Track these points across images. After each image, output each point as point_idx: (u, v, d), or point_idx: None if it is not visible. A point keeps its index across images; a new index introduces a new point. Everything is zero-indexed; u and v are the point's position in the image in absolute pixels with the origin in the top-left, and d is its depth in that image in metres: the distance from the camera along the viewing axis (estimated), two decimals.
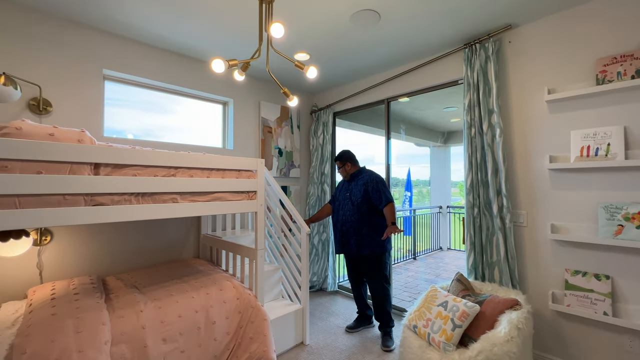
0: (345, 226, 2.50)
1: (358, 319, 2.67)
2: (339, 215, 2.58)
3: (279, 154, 3.39)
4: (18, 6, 1.93)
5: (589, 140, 1.85)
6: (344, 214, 2.53)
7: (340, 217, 2.55)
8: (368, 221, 2.44)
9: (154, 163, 1.55)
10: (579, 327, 1.88)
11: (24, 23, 1.95)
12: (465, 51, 2.32)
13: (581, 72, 1.90)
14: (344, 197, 2.58)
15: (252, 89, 3.20)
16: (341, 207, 2.57)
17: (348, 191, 2.57)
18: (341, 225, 2.54)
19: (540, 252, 2.05)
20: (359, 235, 2.43)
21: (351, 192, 2.53)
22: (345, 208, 2.52)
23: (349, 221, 2.48)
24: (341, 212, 2.56)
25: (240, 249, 2.20)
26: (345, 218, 2.51)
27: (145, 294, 1.80)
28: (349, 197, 2.53)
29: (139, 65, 2.44)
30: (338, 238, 2.58)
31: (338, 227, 2.58)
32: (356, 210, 2.45)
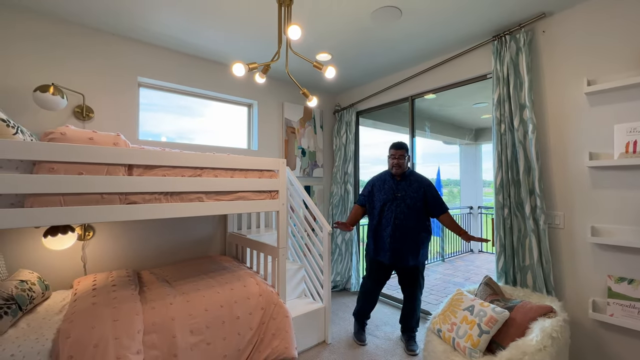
0: (400, 232, 2.19)
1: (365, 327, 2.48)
2: (387, 218, 2.23)
3: (302, 154, 3.43)
4: (62, 20, 2.12)
5: (635, 134, 1.69)
6: (396, 217, 2.20)
7: (391, 220, 2.20)
8: (423, 228, 2.24)
9: (181, 164, 1.64)
10: (624, 339, 1.72)
11: (67, 36, 2.14)
12: (494, 43, 2.20)
13: (625, 61, 1.74)
14: (392, 198, 2.23)
15: (275, 91, 3.26)
16: (390, 209, 2.22)
17: (399, 192, 2.24)
18: (393, 230, 2.19)
19: (579, 256, 1.90)
20: (414, 244, 2.20)
21: (405, 193, 2.22)
22: (398, 211, 2.20)
23: (404, 226, 2.19)
24: (390, 215, 2.21)
25: (263, 247, 2.26)
26: (399, 222, 2.19)
27: (175, 287, 1.90)
28: (402, 199, 2.21)
29: (169, 71, 2.58)
30: (388, 245, 2.21)
31: (388, 232, 2.20)
32: (413, 215, 2.19)
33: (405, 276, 2.32)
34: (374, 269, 2.36)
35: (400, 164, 2.25)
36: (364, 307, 2.43)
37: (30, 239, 1.98)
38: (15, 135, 1.29)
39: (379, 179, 2.38)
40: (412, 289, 2.31)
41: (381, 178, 2.37)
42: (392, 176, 2.31)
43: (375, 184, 2.38)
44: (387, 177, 2.34)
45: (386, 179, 2.33)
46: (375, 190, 2.36)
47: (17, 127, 1.33)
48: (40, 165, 1.26)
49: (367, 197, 2.41)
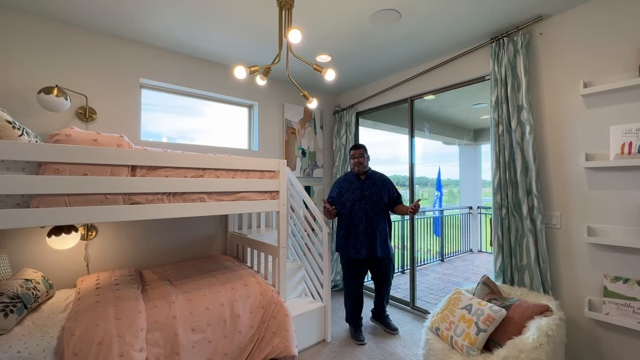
0: (371, 227, 2.38)
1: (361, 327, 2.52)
2: (359, 216, 2.40)
3: (302, 155, 3.45)
4: (65, 22, 2.15)
5: (630, 136, 1.71)
6: (367, 214, 2.39)
7: (363, 218, 2.39)
8: (388, 222, 2.52)
9: (184, 165, 1.66)
10: (619, 338, 1.75)
11: (70, 38, 2.17)
12: (492, 46, 2.23)
13: (621, 63, 1.76)
14: (361, 197, 2.42)
15: (276, 92, 3.29)
16: (360, 207, 2.41)
17: (365, 190, 2.44)
18: (366, 226, 2.38)
19: (575, 256, 1.93)
20: (384, 236, 2.43)
21: (371, 191, 2.44)
22: (368, 208, 2.40)
23: (375, 221, 2.38)
24: (362, 212, 2.40)
25: (264, 247, 2.28)
26: (370, 218, 2.39)
27: (177, 286, 1.93)
28: (369, 197, 2.41)
29: (170, 72, 2.61)
30: (362, 241, 2.37)
31: (361, 228, 2.38)
32: (380, 210, 2.43)
33: (379, 267, 2.50)
34: (353, 268, 2.47)
35: (361, 161, 2.46)
36: (354, 309, 2.50)
37: (34, 238, 2.00)
38: (20, 136, 1.32)
39: (344, 180, 2.55)
40: (386, 277, 2.53)
41: (347, 179, 2.53)
42: (357, 176, 2.51)
43: (342, 185, 2.53)
44: (352, 178, 2.51)
45: (352, 180, 2.50)
46: (343, 191, 2.51)
47: (22, 128, 1.35)
48: (46, 166, 1.29)
49: (335, 199, 2.54)
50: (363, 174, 2.50)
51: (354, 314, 2.50)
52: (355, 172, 2.51)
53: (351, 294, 2.50)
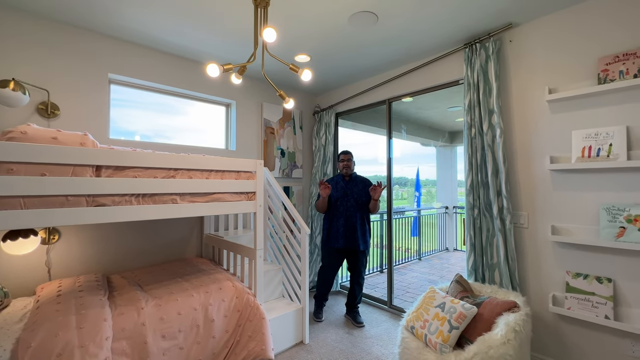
0: (350, 222, 2.71)
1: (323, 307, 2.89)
2: (340, 212, 2.74)
3: (281, 155, 3.42)
4: (27, 13, 2.01)
5: (590, 140, 1.82)
6: (347, 210, 2.73)
7: (344, 213, 2.73)
8: (367, 220, 2.81)
9: (154, 165, 1.59)
10: (580, 331, 1.85)
11: (32, 30, 2.03)
12: (466, 51, 2.30)
13: (582, 71, 1.87)
14: (344, 195, 2.77)
15: (254, 91, 3.24)
16: (342, 204, 2.75)
17: (348, 190, 2.78)
18: (345, 221, 2.71)
19: (541, 254, 2.02)
20: (362, 231, 2.74)
21: (352, 192, 2.77)
22: (348, 205, 2.73)
23: (353, 217, 2.71)
24: (343, 208, 2.74)
25: (240, 249, 2.23)
26: (349, 214, 2.72)
27: (147, 291, 1.85)
28: (351, 196, 2.76)
29: (143, 68, 2.50)
30: (342, 233, 2.70)
31: (341, 222, 2.72)
32: (359, 209, 2.74)
33: (355, 259, 2.78)
34: (330, 256, 2.80)
35: (349, 165, 2.82)
36: (323, 291, 2.85)
37: None
38: None
39: (331, 180, 2.91)
40: (360, 269, 2.80)
41: (334, 180, 2.90)
42: (343, 178, 2.85)
43: (330, 184, 2.84)
44: (338, 179, 2.87)
45: (338, 181, 2.86)
46: (332, 190, 2.81)
47: None
48: None
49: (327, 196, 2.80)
50: (348, 176, 2.83)
51: (320, 296, 2.86)
52: (342, 174, 2.86)
53: (324, 278, 2.82)
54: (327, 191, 2.65)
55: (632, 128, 1.71)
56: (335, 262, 2.79)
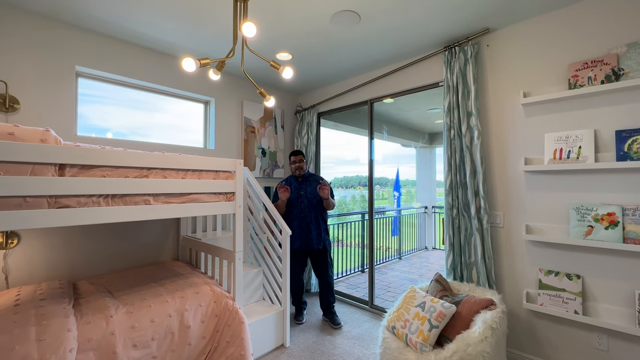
0: (305, 222, 2.71)
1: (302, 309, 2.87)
2: (295, 212, 2.75)
3: (262, 154, 3.35)
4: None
5: (561, 143, 1.90)
6: (300, 211, 2.73)
7: (298, 214, 2.73)
8: (322, 218, 2.80)
9: (125, 164, 1.50)
10: (552, 326, 1.93)
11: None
12: (445, 54, 2.34)
13: (554, 76, 1.95)
14: (297, 196, 2.78)
15: (234, 88, 3.15)
16: (296, 205, 2.75)
17: (302, 190, 2.78)
18: (299, 221, 2.71)
19: (515, 252, 2.09)
20: (317, 230, 2.73)
21: (306, 192, 2.77)
22: (302, 206, 2.74)
23: (307, 217, 2.72)
24: (297, 209, 2.75)
25: (218, 251, 2.16)
26: (303, 215, 2.72)
27: (118, 298, 1.74)
28: (304, 196, 2.76)
29: (114, 62, 2.37)
30: (297, 234, 2.70)
31: (296, 224, 2.71)
32: (312, 208, 2.74)
33: (316, 259, 2.78)
34: (292, 257, 2.73)
35: (301, 166, 2.80)
36: (295, 293, 2.84)
37: None
38: None
39: (287, 181, 2.88)
40: (324, 268, 2.78)
41: (288, 181, 2.88)
42: (296, 178, 2.84)
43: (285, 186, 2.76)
44: (292, 179, 2.87)
45: (292, 181, 2.86)
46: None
47: None
48: None
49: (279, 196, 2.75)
50: (301, 177, 2.83)
51: (294, 297, 2.85)
52: (295, 175, 2.85)
53: (291, 279, 2.76)
54: (286, 194, 2.61)
55: (599, 131, 1.79)
56: (296, 264, 2.75)
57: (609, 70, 1.73)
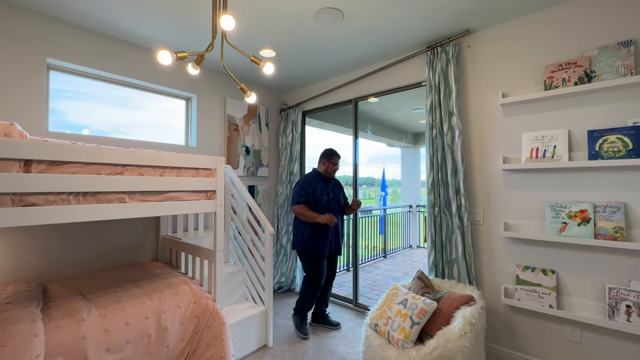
0: (337, 227, 2.57)
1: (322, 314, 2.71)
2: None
3: (246, 153, 3.30)
4: None
5: (537, 142, 1.95)
6: (332, 213, 2.51)
7: None
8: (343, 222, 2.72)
9: (97, 160, 1.44)
10: (528, 320, 1.98)
11: None
12: (428, 54, 2.37)
13: (532, 77, 2.00)
14: (328, 197, 2.55)
15: (217, 85, 3.09)
16: (327, 207, 2.52)
17: (330, 192, 2.58)
18: (334, 226, 2.55)
19: (494, 249, 2.14)
20: (342, 236, 2.66)
21: (334, 194, 2.61)
22: (332, 208, 2.55)
23: (338, 222, 2.59)
24: (328, 211, 2.51)
25: (199, 251, 2.11)
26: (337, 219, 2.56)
27: (90, 301, 1.67)
28: (333, 197, 2.59)
29: (90, 55, 2.27)
30: (330, 239, 2.51)
31: (330, 227, 2.50)
32: (339, 211, 2.63)
33: (333, 263, 2.69)
34: (320, 263, 2.52)
35: (337, 169, 2.63)
36: (312, 302, 2.57)
37: None
38: None
39: (313, 181, 2.56)
40: (334, 273, 2.72)
41: (315, 180, 2.57)
42: (324, 178, 2.60)
43: (312, 185, 2.56)
44: (318, 179, 2.58)
45: (318, 181, 2.57)
46: (316, 191, 2.54)
47: None
48: None
49: (310, 196, 2.52)
50: (330, 179, 2.64)
51: (308, 309, 2.58)
52: (326, 175, 2.60)
53: (316, 289, 2.53)
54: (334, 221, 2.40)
55: (572, 131, 1.85)
56: (324, 270, 2.55)
57: (582, 72, 1.80)
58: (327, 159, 2.59)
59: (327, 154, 2.61)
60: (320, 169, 2.62)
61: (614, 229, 1.68)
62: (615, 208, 1.70)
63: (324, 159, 2.61)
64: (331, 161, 2.58)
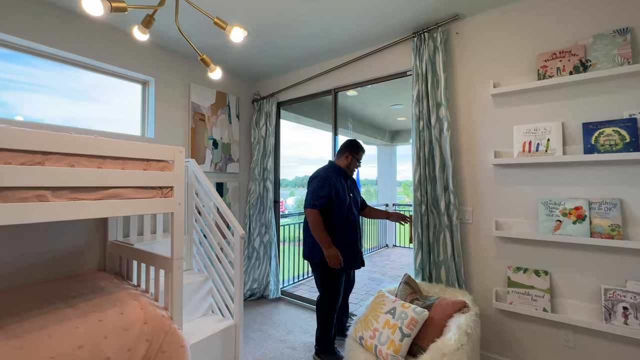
0: (359, 234, 2.15)
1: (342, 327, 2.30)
2: (352, 221, 2.07)
3: (213, 146, 2.97)
4: None
5: (530, 135, 1.84)
6: (354, 219, 2.11)
7: (352, 222, 2.07)
8: None
9: (4, 145, 1.08)
10: (521, 325, 1.87)
11: None
12: (414, 40, 2.20)
13: (524, 66, 1.89)
14: (349, 199, 2.08)
15: (180, 68, 2.73)
16: (350, 211, 2.07)
17: (351, 192, 2.13)
18: (355, 233, 2.09)
19: (484, 249, 2.01)
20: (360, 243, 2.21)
21: (354, 194, 2.17)
22: (355, 212, 2.13)
23: (359, 227, 2.18)
24: (352, 216, 2.08)
25: (154, 259, 1.77)
26: (357, 224, 2.14)
27: (4, 327, 1.30)
28: (353, 199, 2.13)
29: (20, 23, 1.84)
30: (356, 248, 2.07)
31: (352, 236, 2.05)
32: (358, 214, 2.21)
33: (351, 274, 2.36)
34: (339, 280, 2.04)
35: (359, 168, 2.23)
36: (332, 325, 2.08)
37: None
38: None
39: (334, 177, 2.04)
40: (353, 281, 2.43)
41: (336, 177, 2.06)
42: (344, 175, 2.13)
43: (335, 184, 2.02)
44: (339, 176, 2.08)
45: (338, 178, 2.06)
46: (336, 189, 2.02)
47: None
48: None
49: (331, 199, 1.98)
50: (349, 177, 2.18)
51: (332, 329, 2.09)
52: (347, 172, 2.14)
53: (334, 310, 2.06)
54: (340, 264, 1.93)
55: (566, 124, 1.75)
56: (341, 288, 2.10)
57: (577, 61, 1.70)
58: (352, 153, 2.12)
59: (353, 146, 2.14)
60: (340, 163, 2.11)
61: (610, 226, 1.59)
62: (611, 204, 1.61)
63: (347, 151, 2.12)
64: (356, 156, 2.12)
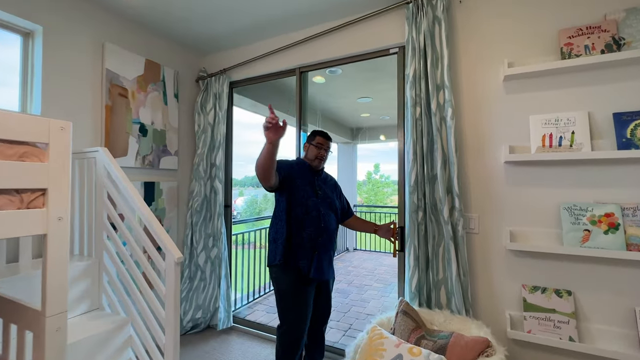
0: (323, 238, 1.65)
1: None
2: (311, 217, 1.62)
3: (140, 133, 2.20)
4: None
5: (550, 127, 1.52)
6: (327, 221, 1.68)
7: (316, 219, 1.63)
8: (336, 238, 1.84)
9: None
10: (540, 356, 1.53)
11: None
12: (410, 6, 1.77)
13: (541, 44, 1.57)
14: (313, 193, 1.68)
15: (89, 18, 1.93)
16: (313, 206, 1.64)
17: (319, 189, 1.72)
18: (317, 233, 1.62)
19: (493, 264, 1.65)
20: (333, 254, 1.78)
21: (324, 193, 1.74)
22: (323, 212, 1.67)
23: (328, 230, 1.69)
24: (315, 212, 1.64)
25: (15, 312, 1.04)
26: (324, 225, 1.66)
27: None
28: (322, 198, 1.71)
29: None
30: (310, 251, 1.60)
31: (319, 241, 1.62)
32: (334, 219, 1.76)
33: (325, 293, 1.79)
34: (298, 285, 1.59)
35: (325, 156, 1.77)
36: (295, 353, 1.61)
37: None
38: None
39: (297, 164, 1.74)
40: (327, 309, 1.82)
41: (299, 165, 1.74)
42: (309, 169, 1.75)
43: (294, 167, 1.70)
44: (304, 167, 1.75)
45: (304, 170, 1.73)
46: (296, 175, 1.68)
47: None
48: None
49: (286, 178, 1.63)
50: (319, 171, 1.79)
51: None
52: (310, 164, 1.75)
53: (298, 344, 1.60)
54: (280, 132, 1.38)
55: (593, 114, 1.47)
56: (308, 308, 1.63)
57: (609, 38, 1.42)
58: (308, 141, 1.78)
59: (310, 134, 1.81)
60: (305, 157, 1.80)
61: None
62: None
63: (305, 142, 1.81)
64: (312, 141, 1.75)
